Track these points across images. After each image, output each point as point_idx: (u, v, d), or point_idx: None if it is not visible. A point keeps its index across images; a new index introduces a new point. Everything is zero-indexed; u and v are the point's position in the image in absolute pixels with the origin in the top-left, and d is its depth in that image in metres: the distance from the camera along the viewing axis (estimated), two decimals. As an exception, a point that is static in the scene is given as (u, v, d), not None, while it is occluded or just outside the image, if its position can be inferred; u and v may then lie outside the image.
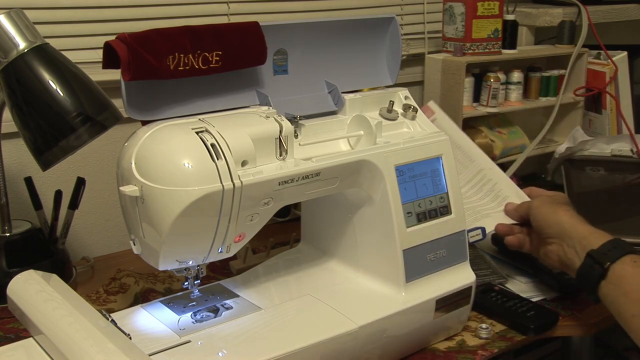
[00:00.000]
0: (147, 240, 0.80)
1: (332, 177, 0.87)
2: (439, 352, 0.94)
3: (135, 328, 0.84)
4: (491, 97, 1.43)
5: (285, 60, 0.91)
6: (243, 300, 0.90)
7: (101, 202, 1.28)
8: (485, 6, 1.41)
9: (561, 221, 0.97)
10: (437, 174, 0.94)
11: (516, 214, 1.07)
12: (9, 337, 0.95)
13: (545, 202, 1.02)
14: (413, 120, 0.98)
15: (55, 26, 1.16)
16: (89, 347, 0.70)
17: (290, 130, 0.83)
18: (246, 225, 0.82)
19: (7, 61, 0.86)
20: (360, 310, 0.88)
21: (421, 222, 0.92)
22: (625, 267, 0.88)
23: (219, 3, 1.31)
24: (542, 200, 1.03)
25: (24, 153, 1.16)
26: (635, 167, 1.47)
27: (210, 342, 0.81)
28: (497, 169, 1.14)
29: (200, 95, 0.84)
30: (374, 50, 0.99)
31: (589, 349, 1.32)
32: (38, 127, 0.86)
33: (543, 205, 1.01)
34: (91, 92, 0.88)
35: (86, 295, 1.05)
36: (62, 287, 0.82)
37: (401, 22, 1.55)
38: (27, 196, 1.09)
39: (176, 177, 0.75)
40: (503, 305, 1.02)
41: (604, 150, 1.50)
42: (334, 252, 1.00)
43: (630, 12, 1.69)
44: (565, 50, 1.53)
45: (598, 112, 1.59)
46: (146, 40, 0.77)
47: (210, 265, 1.12)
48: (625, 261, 0.89)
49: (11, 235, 1.05)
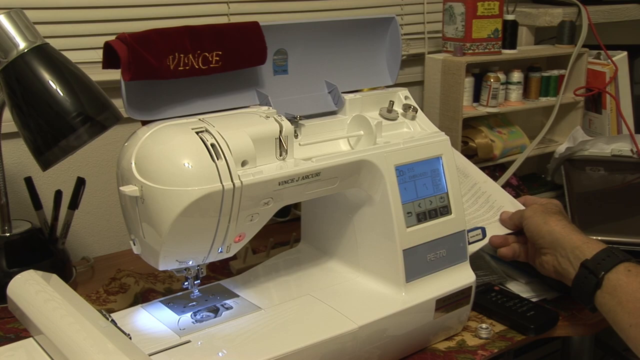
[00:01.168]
0: (147, 240, 0.80)
1: (332, 177, 0.87)
2: (439, 352, 0.94)
3: (135, 328, 0.84)
4: (491, 97, 1.43)
5: (285, 60, 0.91)
6: (243, 300, 0.90)
7: (101, 202, 1.28)
8: (485, 6, 1.41)
9: (553, 231, 0.98)
10: (437, 174, 0.94)
11: (511, 223, 1.08)
12: (9, 337, 0.95)
13: (536, 211, 1.02)
14: (413, 120, 0.98)
15: (55, 26, 1.16)
16: (89, 347, 0.70)
17: (290, 130, 0.83)
18: (246, 225, 0.82)
19: (7, 61, 0.86)
20: (360, 310, 0.88)
21: (421, 222, 0.92)
22: (620, 277, 0.88)
23: (219, 3, 1.31)
24: (534, 210, 1.02)
25: (24, 153, 1.16)
26: (635, 167, 1.47)
27: (210, 342, 0.81)
28: (491, 181, 1.15)
29: (200, 95, 0.84)
30: (374, 50, 0.99)
31: (589, 349, 1.32)
32: (38, 127, 0.86)
33: (535, 216, 1.01)
34: (91, 92, 0.88)
35: (86, 295, 1.05)
36: (62, 287, 0.82)
37: (401, 22, 1.55)
38: (27, 196, 1.09)
39: (176, 177, 0.75)
40: (503, 305, 1.02)
41: (604, 150, 1.50)
42: (334, 252, 1.00)
43: (630, 12, 1.69)
44: (565, 50, 1.53)
45: (598, 112, 1.59)
46: (146, 40, 0.77)
47: (210, 265, 1.12)
48: (620, 270, 0.89)
49: (11, 235, 1.05)
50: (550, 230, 0.98)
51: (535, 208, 1.03)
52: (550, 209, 1.02)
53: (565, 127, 1.59)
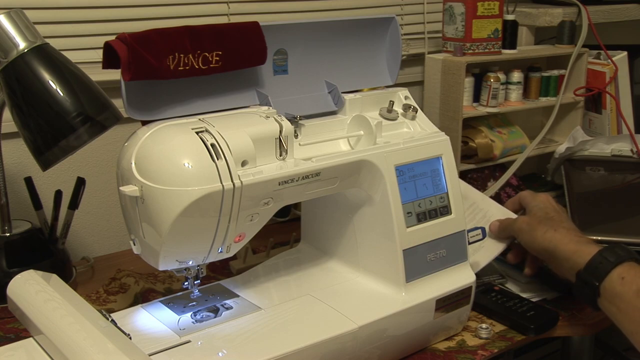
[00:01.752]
0: (147, 240, 0.80)
1: (332, 177, 0.87)
2: (439, 352, 0.94)
3: (135, 328, 0.84)
4: (491, 97, 1.43)
5: (285, 60, 0.91)
6: (243, 300, 0.90)
7: (101, 202, 1.28)
8: (485, 6, 1.41)
9: (541, 245, 0.98)
10: (437, 174, 0.94)
11: (504, 235, 1.07)
12: (9, 337, 0.95)
13: (522, 226, 1.02)
14: (413, 120, 0.98)
15: (55, 26, 1.16)
16: (89, 347, 0.70)
17: (290, 130, 0.83)
18: (246, 225, 0.82)
19: (7, 61, 0.86)
20: (360, 310, 0.88)
21: (421, 222, 0.92)
22: (615, 286, 0.87)
23: (219, 3, 1.31)
24: (519, 226, 1.02)
25: (24, 153, 1.16)
26: (635, 167, 1.47)
27: (210, 342, 0.81)
28: (488, 199, 1.15)
29: (200, 95, 0.84)
30: (374, 50, 0.99)
31: (589, 349, 1.32)
32: (38, 127, 0.86)
33: (521, 232, 1.02)
34: (91, 92, 0.88)
35: (86, 295, 1.05)
36: (62, 287, 0.82)
37: (401, 22, 1.55)
38: (27, 196, 1.09)
39: (176, 177, 0.75)
40: (503, 305, 1.02)
41: (604, 150, 1.50)
42: (334, 252, 1.00)
43: (630, 12, 1.68)
44: (565, 50, 1.53)
45: (598, 112, 1.59)
46: (146, 40, 0.77)
47: (210, 265, 1.12)
48: (614, 279, 0.87)
49: (11, 235, 1.04)
50: (541, 246, 0.98)
51: (520, 222, 1.03)
52: (536, 218, 1.01)
53: (565, 127, 1.59)
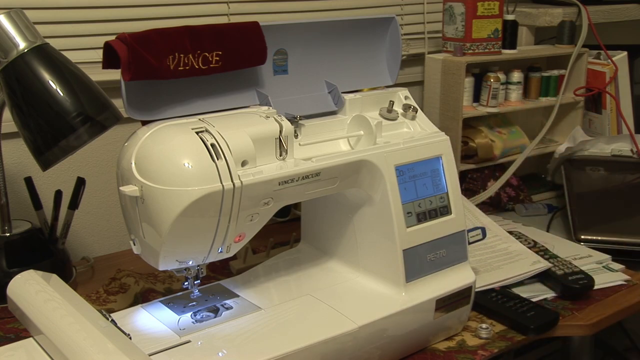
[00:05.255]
0: (147, 240, 0.80)
1: (332, 177, 0.87)
2: (439, 352, 0.94)
3: (135, 328, 0.84)
4: (491, 97, 1.43)
5: (285, 60, 0.91)
6: (243, 300, 0.90)
7: (101, 202, 1.28)
8: (485, 6, 1.41)
9: None
10: (437, 174, 0.94)
11: None
12: (9, 337, 0.95)
13: None
14: (413, 120, 0.98)
15: (55, 26, 1.16)
16: (89, 347, 0.70)
17: (290, 130, 0.83)
18: (246, 225, 0.82)
19: (7, 61, 0.87)
20: (360, 310, 0.88)
21: (421, 222, 0.92)
22: None
23: (219, 3, 1.31)
24: None
25: (24, 153, 1.16)
26: (635, 167, 1.47)
27: (210, 342, 0.81)
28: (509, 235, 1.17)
29: (200, 95, 0.84)
30: (374, 50, 0.99)
31: (589, 349, 1.32)
32: (38, 127, 0.86)
33: None
34: (91, 92, 0.88)
35: (86, 295, 1.05)
36: (62, 287, 0.82)
37: (401, 22, 1.55)
38: (27, 196, 1.09)
39: (176, 177, 0.75)
40: (503, 305, 1.02)
41: (604, 150, 1.50)
42: (334, 252, 1.00)
43: (630, 12, 1.69)
44: (565, 50, 1.53)
45: (598, 112, 1.59)
46: (146, 40, 0.77)
47: (210, 265, 1.12)
48: None
49: (11, 235, 1.04)
50: None
51: None
52: None
53: (565, 127, 1.59)
